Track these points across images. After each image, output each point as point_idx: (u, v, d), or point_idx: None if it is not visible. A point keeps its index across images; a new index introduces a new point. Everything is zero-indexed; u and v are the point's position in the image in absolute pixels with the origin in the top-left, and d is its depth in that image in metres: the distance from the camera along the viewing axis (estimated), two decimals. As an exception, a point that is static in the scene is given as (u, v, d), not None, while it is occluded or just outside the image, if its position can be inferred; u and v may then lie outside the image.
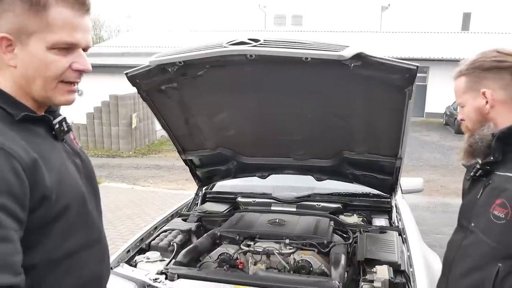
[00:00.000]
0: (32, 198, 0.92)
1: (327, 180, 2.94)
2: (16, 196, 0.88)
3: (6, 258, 0.84)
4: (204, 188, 3.28)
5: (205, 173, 3.11)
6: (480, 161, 1.42)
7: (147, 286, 1.98)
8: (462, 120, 1.51)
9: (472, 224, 1.38)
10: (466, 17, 27.11)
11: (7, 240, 0.85)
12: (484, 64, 1.38)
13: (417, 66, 1.75)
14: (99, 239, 1.18)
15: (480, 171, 1.41)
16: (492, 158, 1.36)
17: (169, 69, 2.00)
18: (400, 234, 2.46)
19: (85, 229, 1.11)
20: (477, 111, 1.41)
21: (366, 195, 3.19)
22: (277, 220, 2.60)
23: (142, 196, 7.41)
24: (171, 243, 2.40)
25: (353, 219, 2.84)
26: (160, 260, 2.23)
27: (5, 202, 0.86)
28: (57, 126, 1.08)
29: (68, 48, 1.00)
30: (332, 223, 2.61)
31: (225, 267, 2.12)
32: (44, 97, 1.04)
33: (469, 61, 1.44)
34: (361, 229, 2.48)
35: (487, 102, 1.37)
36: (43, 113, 1.09)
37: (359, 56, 1.72)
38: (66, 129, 1.12)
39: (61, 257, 1.03)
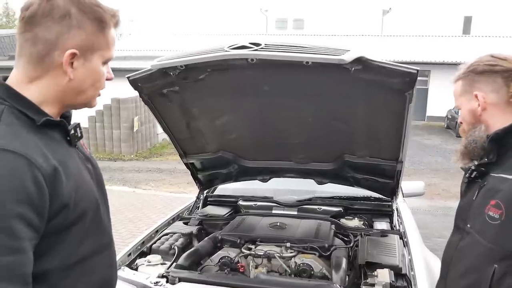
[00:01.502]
0: (51, 207, 0.94)
1: (328, 184, 2.94)
2: (35, 206, 0.90)
3: (19, 269, 0.88)
4: (205, 192, 3.28)
5: (206, 176, 3.11)
6: (475, 163, 1.44)
7: (148, 289, 1.98)
8: (461, 122, 1.54)
9: (468, 225, 1.40)
10: (467, 21, 27.15)
11: (21, 251, 0.88)
12: (477, 68, 1.42)
13: (417, 70, 1.76)
14: (109, 244, 1.20)
15: (476, 172, 1.43)
16: (486, 159, 1.39)
17: (171, 73, 2.01)
18: (401, 238, 2.46)
19: (97, 235, 1.13)
20: (470, 113, 1.45)
21: (367, 198, 3.19)
22: (278, 224, 2.60)
23: (143, 199, 7.42)
24: (172, 247, 2.40)
25: (354, 222, 2.83)
26: (161, 264, 2.23)
27: (24, 212, 0.88)
28: (72, 131, 1.10)
29: None
30: (333, 226, 2.60)
31: (226, 271, 2.12)
32: (85, 104, 1.13)
33: (466, 65, 1.48)
34: (362, 233, 2.47)
35: (479, 105, 1.41)
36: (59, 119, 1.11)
37: (359, 60, 1.73)
38: (79, 135, 1.14)
39: (74, 262, 1.05)
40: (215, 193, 3.45)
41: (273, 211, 3.00)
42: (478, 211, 1.34)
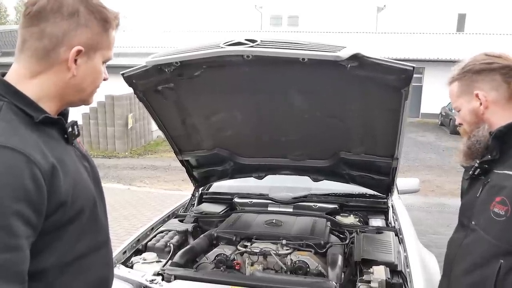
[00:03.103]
0: (49, 204, 0.94)
1: (324, 181, 2.94)
2: (33, 203, 0.90)
3: (16, 267, 0.88)
4: (200, 189, 3.28)
5: (201, 173, 3.10)
6: (478, 160, 1.45)
7: (144, 287, 1.97)
8: (460, 124, 1.53)
9: (473, 223, 1.40)
10: (461, 18, 27.26)
11: (18, 249, 0.88)
12: (474, 67, 1.43)
13: (414, 67, 1.76)
14: (106, 242, 1.20)
15: (479, 169, 1.43)
16: (489, 156, 1.38)
17: (166, 70, 1.99)
18: (396, 235, 2.47)
19: (94, 232, 1.13)
20: (472, 113, 1.45)
21: (363, 195, 3.19)
22: (274, 221, 2.60)
23: (138, 197, 7.40)
24: (168, 244, 2.39)
25: (349, 219, 2.84)
26: (157, 261, 2.22)
27: (22, 209, 0.88)
28: (69, 129, 1.11)
29: None
30: (328, 223, 2.61)
31: (222, 268, 2.12)
32: (83, 101, 1.15)
33: (460, 66, 1.48)
34: (358, 230, 2.48)
35: (481, 104, 1.41)
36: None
37: (355, 57, 1.72)
38: (77, 133, 1.15)
39: (71, 260, 1.05)
40: (210, 190, 3.44)
41: (269, 208, 3.01)
42: (483, 208, 1.34)
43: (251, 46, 1.74)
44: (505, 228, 1.25)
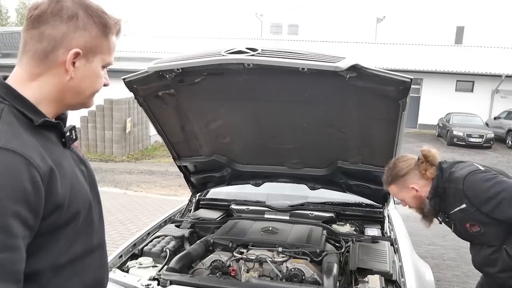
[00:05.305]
0: (46, 206, 0.95)
1: (321, 189, 2.95)
2: (31, 204, 0.91)
3: (13, 267, 0.89)
4: (197, 195, 3.28)
5: (199, 179, 3.11)
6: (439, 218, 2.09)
7: (139, 291, 1.97)
8: (410, 207, 2.16)
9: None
10: (460, 30, 27.53)
11: (16, 249, 0.89)
12: (401, 172, 2.07)
13: (411, 79, 1.79)
14: (101, 244, 1.21)
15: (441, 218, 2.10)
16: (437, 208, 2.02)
17: (167, 76, 2.02)
18: (392, 244, 2.48)
19: (88, 235, 1.14)
20: (415, 199, 2.09)
21: (359, 204, 3.21)
22: (270, 228, 2.61)
23: (134, 201, 7.38)
24: (164, 249, 2.39)
25: (345, 228, 2.85)
26: (153, 266, 2.23)
27: (20, 210, 0.89)
28: (67, 133, 1.12)
29: None
30: (325, 232, 2.61)
31: (217, 274, 2.12)
32: (82, 105, 1.16)
33: (391, 173, 2.09)
34: (354, 239, 2.49)
35: (417, 190, 2.05)
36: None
37: (354, 68, 1.75)
38: (74, 137, 1.16)
39: (66, 262, 1.06)
40: (208, 196, 3.45)
41: (265, 216, 3.01)
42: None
43: (252, 55, 1.76)
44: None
